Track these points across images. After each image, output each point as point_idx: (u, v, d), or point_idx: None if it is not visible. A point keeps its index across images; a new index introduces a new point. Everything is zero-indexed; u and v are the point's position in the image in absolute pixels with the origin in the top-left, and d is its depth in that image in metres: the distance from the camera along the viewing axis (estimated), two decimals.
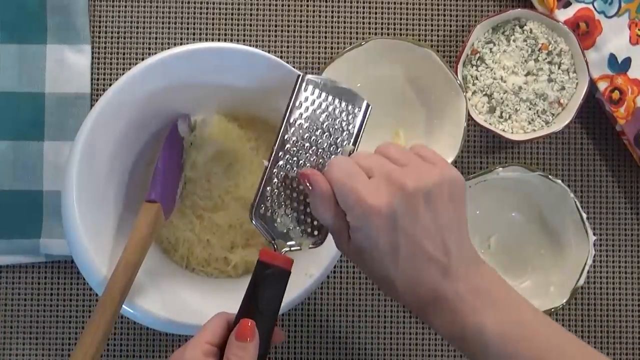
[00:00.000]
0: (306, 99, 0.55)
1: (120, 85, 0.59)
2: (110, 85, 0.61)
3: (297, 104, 0.55)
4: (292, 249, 0.54)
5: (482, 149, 0.74)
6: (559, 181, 0.69)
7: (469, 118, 0.69)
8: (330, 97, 0.56)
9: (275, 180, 0.54)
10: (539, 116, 0.71)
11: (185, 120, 0.65)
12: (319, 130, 0.55)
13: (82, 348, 0.52)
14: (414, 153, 0.52)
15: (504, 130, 0.71)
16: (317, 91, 0.55)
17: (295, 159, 0.54)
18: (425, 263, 0.50)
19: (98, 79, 0.73)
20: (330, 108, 0.56)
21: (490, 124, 0.71)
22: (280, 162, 0.54)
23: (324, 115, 0.55)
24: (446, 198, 0.50)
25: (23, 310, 0.71)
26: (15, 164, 0.70)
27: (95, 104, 0.59)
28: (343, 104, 0.56)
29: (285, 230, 0.54)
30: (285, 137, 0.54)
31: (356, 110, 0.57)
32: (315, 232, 0.55)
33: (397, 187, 0.49)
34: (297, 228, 0.54)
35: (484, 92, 0.71)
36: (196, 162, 0.66)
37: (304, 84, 0.55)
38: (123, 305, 0.56)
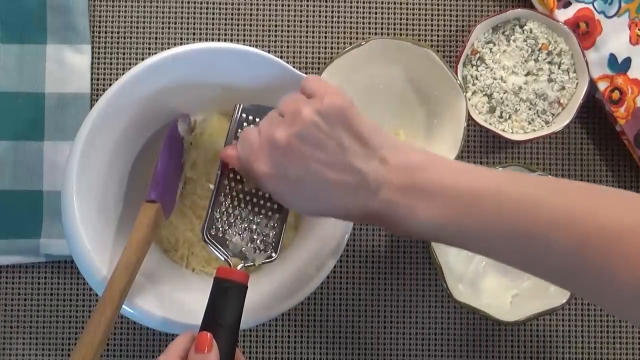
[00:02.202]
0: (243, 124, 0.58)
1: (120, 85, 0.59)
2: (110, 85, 0.61)
3: (237, 131, 0.58)
4: (247, 265, 0.56)
5: (482, 149, 0.74)
6: None
7: (469, 118, 0.69)
8: None
9: (223, 202, 0.57)
10: (539, 116, 0.71)
11: (185, 120, 0.65)
12: None
13: (82, 348, 0.52)
14: (301, 91, 0.54)
15: (504, 130, 0.71)
16: (250, 117, 0.59)
17: (239, 181, 0.58)
18: (339, 191, 0.51)
19: (98, 79, 0.73)
20: None
21: (490, 124, 0.71)
22: (226, 185, 0.57)
23: None
24: (327, 126, 0.51)
25: (23, 310, 0.71)
26: (15, 164, 0.70)
27: (95, 104, 0.59)
28: None
29: (237, 249, 0.57)
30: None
31: None
32: (268, 249, 0.58)
33: (272, 144, 0.52)
34: (249, 245, 0.57)
35: (484, 92, 0.71)
36: (196, 162, 0.66)
37: (241, 113, 0.58)
38: (123, 305, 0.56)
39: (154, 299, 0.60)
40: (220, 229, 0.57)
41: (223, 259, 0.56)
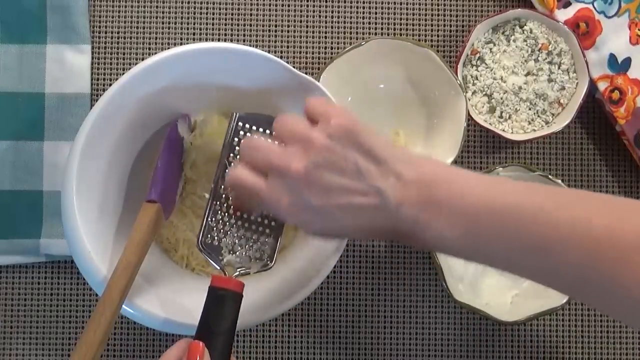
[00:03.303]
0: (240, 133, 0.58)
1: (120, 85, 0.59)
2: (110, 85, 0.61)
3: (233, 139, 0.58)
4: (241, 273, 0.57)
5: (482, 149, 0.74)
6: (559, 181, 0.69)
7: (469, 118, 0.69)
8: (261, 129, 0.59)
9: (219, 211, 0.57)
10: (539, 116, 0.71)
11: (185, 120, 0.65)
12: None
13: (82, 348, 0.52)
14: (306, 114, 0.53)
15: (504, 130, 0.71)
16: (247, 126, 0.58)
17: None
18: (364, 213, 0.50)
19: (98, 79, 0.73)
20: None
21: (490, 124, 0.71)
22: (222, 195, 0.57)
23: None
24: (340, 148, 0.50)
25: (23, 310, 0.71)
26: (15, 164, 0.70)
27: (95, 104, 0.59)
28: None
29: (233, 257, 0.57)
30: (225, 171, 0.57)
31: None
32: (264, 257, 0.58)
33: (284, 177, 0.51)
34: (245, 254, 0.58)
35: (484, 92, 0.71)
36: (196, 162, 0.66)
37: (238, 121, 0.58)
38: (123, 305, 0.56)
39: (154, 299, 0.60)
40: (216, 237, 0.57)
41: (218, 268, 0.57)
